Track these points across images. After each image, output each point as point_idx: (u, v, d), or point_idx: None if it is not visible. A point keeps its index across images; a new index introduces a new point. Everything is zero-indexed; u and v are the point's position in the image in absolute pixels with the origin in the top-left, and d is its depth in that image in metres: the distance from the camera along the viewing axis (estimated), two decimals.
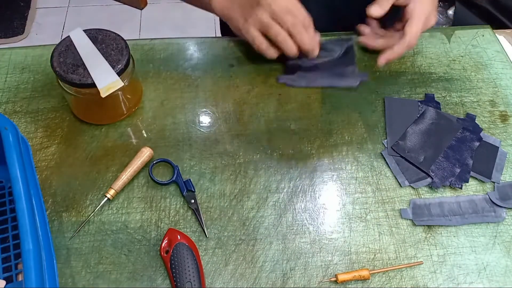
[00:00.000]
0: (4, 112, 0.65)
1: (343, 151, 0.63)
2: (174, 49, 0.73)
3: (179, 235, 0.53)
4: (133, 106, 0.65)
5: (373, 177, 0.61)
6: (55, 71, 0.57)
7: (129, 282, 0.52)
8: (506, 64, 0.73)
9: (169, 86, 0.69)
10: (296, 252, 0.55)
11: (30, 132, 0.63)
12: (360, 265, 0.54)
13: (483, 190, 0.60)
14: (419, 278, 0.53)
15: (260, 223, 0.57)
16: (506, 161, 0.62)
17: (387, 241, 0.56)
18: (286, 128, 0.65)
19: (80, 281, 0.52)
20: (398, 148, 0.62)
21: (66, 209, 0.57)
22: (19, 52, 0.72)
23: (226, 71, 0.71)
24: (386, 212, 0.58)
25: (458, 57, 0.74)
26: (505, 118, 0.67)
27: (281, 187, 0.59)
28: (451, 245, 0.55)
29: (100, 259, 0.53)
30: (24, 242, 0.42)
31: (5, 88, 0.68)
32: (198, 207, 0.57)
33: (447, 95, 0.69)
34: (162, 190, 0.59)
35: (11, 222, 0.55)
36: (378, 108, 0.67)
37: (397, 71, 0.72)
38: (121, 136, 0.63)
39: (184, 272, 0.50)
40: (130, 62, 0.60)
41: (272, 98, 0.68)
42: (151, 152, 0.60)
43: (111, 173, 0.60)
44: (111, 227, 0.56)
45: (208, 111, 0.67)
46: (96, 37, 0.60)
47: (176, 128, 0.65)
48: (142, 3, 2.10)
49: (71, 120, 0.65)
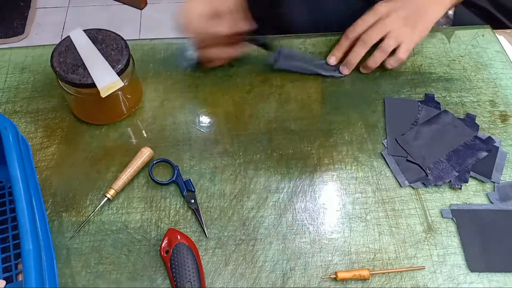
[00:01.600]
0: (4, 112, 0.65)
1: (343, 151, 0.63)
2: (174, 49, 0.73)
3: (179, 235, 0.53)
4: (133, 106, 0.65)
5: (373, 177, 0.61)
6: (55, 71, 0.57)
7: (129, 282, 0.52)
8: (506, 64, 0.73)
9: (169, 86, 0.69)
10: (296, 252, 0.55)
11: (30, 132, 0.63)
12: (360, 265, 0.54)
13: (483, 190, 0.60)
14: (419, 278, 0.53)
15: (260, 223, 0.57)
16: (506, 161, 0.62)
17: (387, 241, 0.56)
18: (286, 128, 0.65)
19: (80, 281, 0.52)
20: (401, 140, 0.62)
21: (66, 209, 0.57)
22: (19, 52, 0.72)
23: (226, 71, 0.71)
24: (386, 212, 0.58)
25: (458, 57, 0.74)
26: (505, 118, 0.67)
27: (281, 187, 0.59)
28: (451, 245, 0.55)
29: (100, 259, 0.53)
30: (24, 242, 0.42)
31: (5, 88, 0.68)
32: (198, 207, 0.57)
33: (447, 95, 0.69)
34: (162, 190, 0.59)
35: (11, 222, 0.55)
36: (378, 108, 0.67)
37: (397, 71, 0.72)
38: (121, 136, 0.63)
39: (184, 272, 0.50)
40: (130, 62, 0.60)
41: (272, 98, 0.68)
42: (151, 152, 0.60)
43: (111, 173, 0.60)
44: (111, 227, 0.56)
45: (208, 111, 0.67)
46: (96, 37, 0.60)
47: (176, 128, 0.65)
48: (142, 3, 2.10)
49: (71, 120, 0.65)
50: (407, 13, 0.67)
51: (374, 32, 0.66)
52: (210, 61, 0.68)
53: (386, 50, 0.67)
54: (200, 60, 0.69)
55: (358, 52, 0.68)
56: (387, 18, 0.66)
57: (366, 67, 0.70)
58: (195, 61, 0.71)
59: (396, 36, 0.66)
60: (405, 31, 0.66)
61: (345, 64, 0.70)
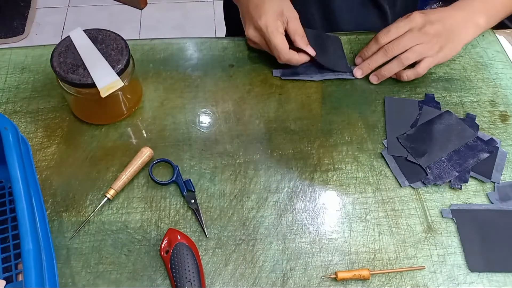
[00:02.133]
0: (4, 112, 0.65)
1: (343, 151, 0.63)
2: (174, 49, 0.73)
3: (179, 235, 0.53)
4: (133, 106, 0.65)
5: (373, 177, 0.61)
6: (55, 71, 0.57)
7: (129, 282, 0.52)
8: (506, 64, 0.73)
9: (169, 86, 0.69)
10: (296, 252, 0.55)
11: (30, 132, 0.63)
12: (360, 265, 0.54)
13: (483, 190, 0.60)
14: (419, 278, 0.53)
15: (260, 223, 0.57)
16: (506, 161, 0.62)
17: (387, 241, 0.56)
18: (286, 128, 0.65)
19: (80, 281, 0.52)
20: (403, 139, 0.62)
21: (66, 209, 0.57)
22: (19, 52, 0.72)
23: (226, 71, 0.71)
24: (386, 212, 0.58)
25: (458, 57, 0.74)
26: (505, 118, 0.67)
27: (281, 187, 0.59)
28: (451, 245, 0.55)
29: (100, 259, 0.53)
30: (24, 242, 0.42)
31: (5, 88, 0.68)
32: (198, 207, 0.57)
33: (447, 95, 0.69)
34: (162, 190, 0.59)
35: (11, 222, 0.55)
36: (378, 108, 0.67)
37: None
38: (121, 136, 0.63)
39: (184, 272, 0.50)
40: (130, 62, 0.60)
41: (272, 98, 0.68)
42: (151, 152, 0.60)
43: (111, 173, 0.60)
44: (111, 227, 0.56)
45: (208, 111, 0.67)
46: (96, 37, 0.60)
47: (176, 128, 0.65)
48: (142, 3, 2.10)
49: (71, 120, 0.65)
50: (441, 31, 0.66)
51: (401, 45, 0.66)
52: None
53: (405, 63, 0.67)
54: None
55: (377, 60, 0.68)
56: (419, 30, 0.66)
57: (379, 75, 0.69)
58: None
59: (421, 51, 0.66)
60: (432, 48, 0.66)
61: (360, 67, 0.70)
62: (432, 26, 0.66)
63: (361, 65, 0.70)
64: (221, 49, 0.74)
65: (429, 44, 0.66)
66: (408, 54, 0.66)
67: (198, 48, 0.74)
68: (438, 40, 0.66)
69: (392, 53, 0.67)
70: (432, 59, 0.67)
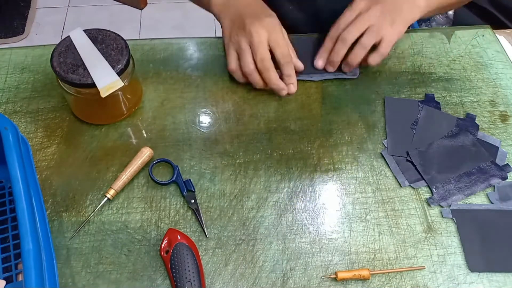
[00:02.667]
0: (4, 112, 0.65)
1: (343, 151, 0.63)
2: (174, 49, 0.73)
3: (179, 235, 0.53)
4: (133, 106, 0.65)
5: (373, 177, 0.61)
6: (55, 71, 0.57)
7: (129, 282, 0.52)
8: (506, 64, 0.73)
9: (169, 86, 0.69)
10: (296, 252, 0.55)
11: (30, 132, 0.63)
12: (360, 265, 0.54)
13: (483, 190, 0.60)
14: (419, 278, 0.53)
15: (260, 223, 0.57)
16: (506, 161, 0.62)
17: (387, 241, 0.56)
18: (286, 128, 0.65)
19: (80, 281, 0.52)
20: (414, 155, 0.61)
21: (66, 209, 0.57)
22: (19, 52, 0.72)
23: (226, 71, 0.71)
24: (386, 212, 0.58)
25: (458, 57, 0.74)
26: (505, 118, 0.67)
27: (281, 187, 0.59)
28: (451, 245, 0.55)
29: (100, 259, 0.53)
30: (24, 242, 0.42)
31: (5, 88, 0.68)
32: (198, 207, 0.57)
33: (447, 95, 0.69)
34: (162, 190, 0.59)
35: (11, 222, 0.55)
36: (378, 108, 0.67)
37: (397, 71, 0.72)
38: (121, 136, 0.63)
39: (184, 272, 0.50)
40: (130, 62, 0.60)
41: (272, 98, 0.68)
42: (151, 152, 0.60)
43: (111, 173, 0.60)
44: (111, 227, 0.56)
45: (208, 111, 0.67)
46: (96, 37, 0.60)
47: (176, 128, 0.65)
48: (142, 3, 2.10)
49: (71, 120, 0.65)
50: (386, 9, 0.65)
51: (354, 28, 0.65)
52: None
53: (366, 45, 0.65)
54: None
55: (338, 50, 0.67)
56: (366, 12, 0.65)
57: (347, 64, 0.68)
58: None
59: (376, 30, 0.65)
60: (385, 25, 0.65)
61: (328, 63, 0.69)
62: (376, 5, 0.65)
63: (327, 60, 0.69)
64: (221, 49, 0.74)
65: (380, 21, 0.65)
66: (366, 36, 0.65)
67: (198, 48, 0.74)
68: (387, 16, 0.65)
69: (350, 39, 0.65)
70: (390, 35, 0.65)
